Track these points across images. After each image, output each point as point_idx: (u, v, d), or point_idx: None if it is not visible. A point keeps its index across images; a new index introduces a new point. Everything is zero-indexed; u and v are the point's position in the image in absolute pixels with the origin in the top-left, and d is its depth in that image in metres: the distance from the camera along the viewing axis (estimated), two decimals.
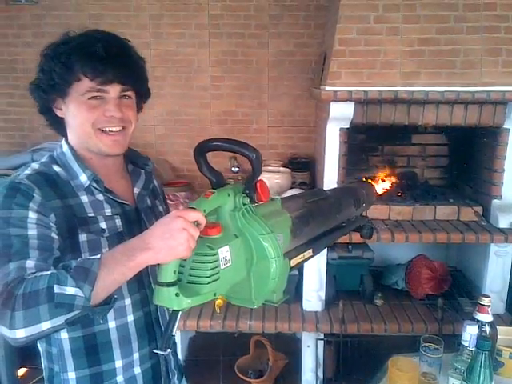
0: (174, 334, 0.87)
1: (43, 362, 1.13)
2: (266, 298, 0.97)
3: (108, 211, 1.10)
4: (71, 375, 1.08)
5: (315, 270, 2.62)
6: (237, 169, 3.20)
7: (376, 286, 2.83)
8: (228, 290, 0.91)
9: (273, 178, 2.97)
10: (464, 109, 2.51)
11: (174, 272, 0.84)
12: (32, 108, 1.15)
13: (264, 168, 2.67)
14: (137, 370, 1.14)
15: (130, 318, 1.11)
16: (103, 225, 1.07)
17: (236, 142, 0.94)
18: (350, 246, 2.74)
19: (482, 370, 1.14)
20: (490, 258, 2.60)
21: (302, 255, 1.04)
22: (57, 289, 0.83)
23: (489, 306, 1.42)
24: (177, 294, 0.83)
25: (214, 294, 0.87)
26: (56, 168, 1.09)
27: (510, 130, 2.54)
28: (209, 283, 0.84)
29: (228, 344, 3.08)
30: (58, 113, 1.11)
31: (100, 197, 1.10)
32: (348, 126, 2.58)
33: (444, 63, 2.43)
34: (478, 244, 2.56)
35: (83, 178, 1.08)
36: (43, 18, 3.21)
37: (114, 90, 1.06)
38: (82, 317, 0.86)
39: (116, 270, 0.86)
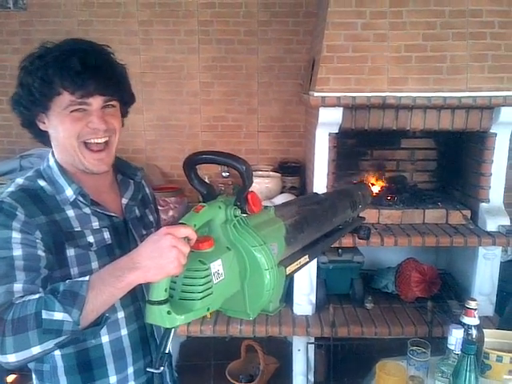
0: (167, 351, 0.86)
1: (34, 380, 1.11)
2: (262, 308, 0.96)
3: (95, 224, 1.08)
4: None
5: (306, 273, 2.63)
6: (227, 173, 3.22)
7: (366, 290, 2.85)
8: (222, 303, 0.90)
9: (263, 183, 2.98)
10: (451, 114, 2.54)
11: (165, 290, 0.83)
12: None
13: (254, 173, 2.68)
14: None
15: (124, 331, 1.10)
16: (90, 238, 1.06)
17: (225, 155, 0.94)
18: (340, 250, 2.76)
19: (468, 373, 1.15)
20: (478, 260, 2.63)
21: (297, 262, 1.03)
22: (44, 314, 0.83)
23: (475, 309, 1.44)
24: (168, 312, 0.82)
25: (207, 309, 0.86)
26: (41, 182, 1.07)
27: (496, 134, 2.57)
28: (201, 299, 0.83)
29: (219, 348, 3.08)
30: (42, 126, 1.08)
31: (87, 210, 1.08)
32: (337, 131, 2.60)
33: (431, 69, 2.46)
34: (467, 247, 2.59)
35: (69, 193, 1.06)
36: (32, 24, 3.21)
37: (96, 101, 1.04)
38: (73, 339, 0.86)
39: (105, 291, 0.86)
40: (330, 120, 2.54)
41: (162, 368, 0.86)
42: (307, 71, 2.93)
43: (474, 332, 1.41)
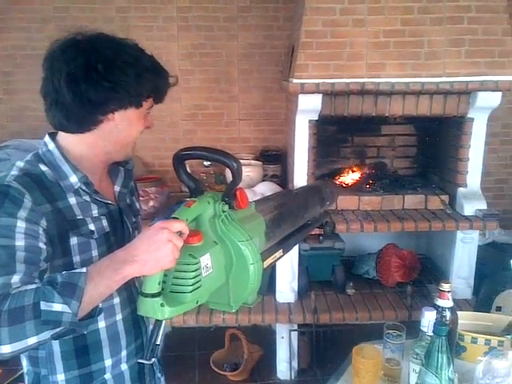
0: (158, 343, 0.89)
1: (26, 366, 1.11)
2: (243, 301, 0.99)
3: (95, 212, 1.08)
4: (60, 377, 1.07)
5: (288, 261, 2.64)
6: (209, 163, 3.19)
7: (348, 276, 2.88)
8: (208, 296, 0.94)
9: (244, 171, 2.97)
10: (429, 99, 2.56)
11: (159, 283, 0.86)
12: None
13: None
14: (124, 366, 1.15)
15: (119, 316, 1.12)
16: (92, 226, 1.06)
17: (217, 152, 0.98)
18: (321, 237, 2.77)
19: (440, 354, 1.16)
20: (456, 244, 2.67)
21: (273, 256, 1.07)
22: (43, 305, 0.83)
23: (449, 291, 1.45)
24: (162, 305, 0.85)
25: (197, 302, 0.89)
26: (42, 167, 1.04)
27: (473, 119, 2.59)
28: (191, 292, 0.87)
29: (203, 338, 3.09)
30: (109, 117, 1.04)
31: (87, 198, 1.07)
32: (317, 118, 2.60)
33: (409, 54, 2.46)
34: (445, 231, 2.62)
35: (73, 179, 1.04)
36: (8, 12, 3.12)
37: None
38: (68, 330, 0.86)
39: (102, 283, 0.87)
40: (309, 107, 2.53)
41: (153, 359, 0.92)
42: (287, 58, 2.92)
43: (447, 314, 1.42)
